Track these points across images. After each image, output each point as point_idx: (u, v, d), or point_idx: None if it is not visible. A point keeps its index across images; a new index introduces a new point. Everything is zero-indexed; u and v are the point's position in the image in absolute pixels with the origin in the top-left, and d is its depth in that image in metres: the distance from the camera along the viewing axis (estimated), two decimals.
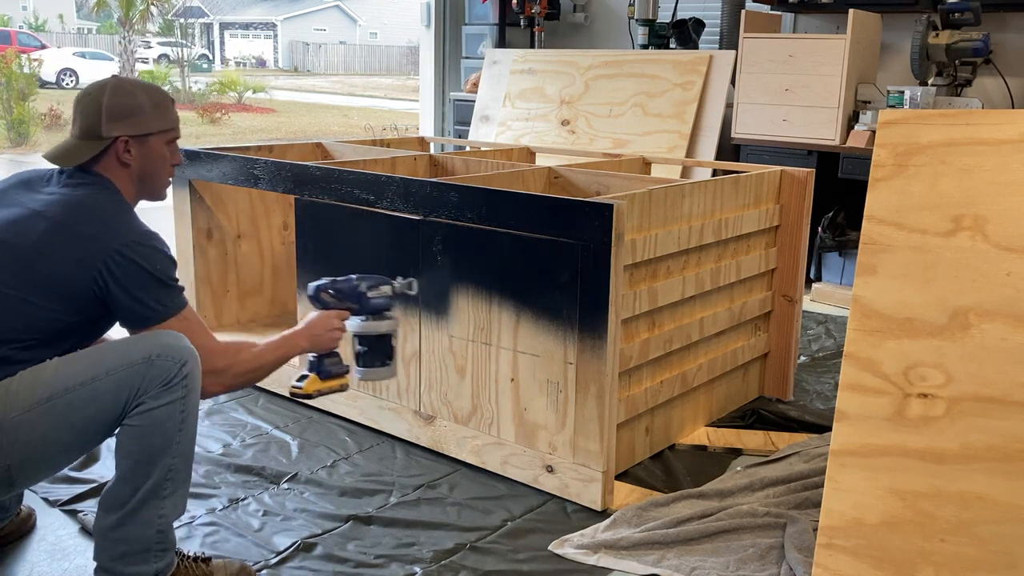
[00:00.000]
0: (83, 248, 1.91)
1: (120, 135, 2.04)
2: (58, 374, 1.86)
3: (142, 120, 2.06)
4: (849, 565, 1.91)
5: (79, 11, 36.13)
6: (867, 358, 1.97)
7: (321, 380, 2.27)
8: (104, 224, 1.95)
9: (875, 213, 2.04)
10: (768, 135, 5.15)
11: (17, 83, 13.00)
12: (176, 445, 1.93)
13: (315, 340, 2.22)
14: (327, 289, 2.27)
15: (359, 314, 2.29)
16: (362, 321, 2.30)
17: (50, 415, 1.84)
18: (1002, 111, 2.69)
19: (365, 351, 2.32)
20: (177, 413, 1.91)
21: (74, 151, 2.05)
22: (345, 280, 2.29)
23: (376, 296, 2.29)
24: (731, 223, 2.99)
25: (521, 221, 2.55)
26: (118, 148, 2.04)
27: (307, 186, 3.05)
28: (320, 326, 2.23)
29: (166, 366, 1.88)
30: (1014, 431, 1.83)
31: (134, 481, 1.91)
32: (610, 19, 6.71)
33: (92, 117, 2.03)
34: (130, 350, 1.89)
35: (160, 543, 1.97)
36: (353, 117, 18.50)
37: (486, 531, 2.44)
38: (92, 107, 2.04)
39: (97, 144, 2.03)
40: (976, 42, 4.72)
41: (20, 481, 1.91)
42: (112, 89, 2.05)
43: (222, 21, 39.53)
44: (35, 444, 1.85)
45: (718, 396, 3.19)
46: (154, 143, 2.09)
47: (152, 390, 1.88)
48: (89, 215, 1.96)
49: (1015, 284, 1.90)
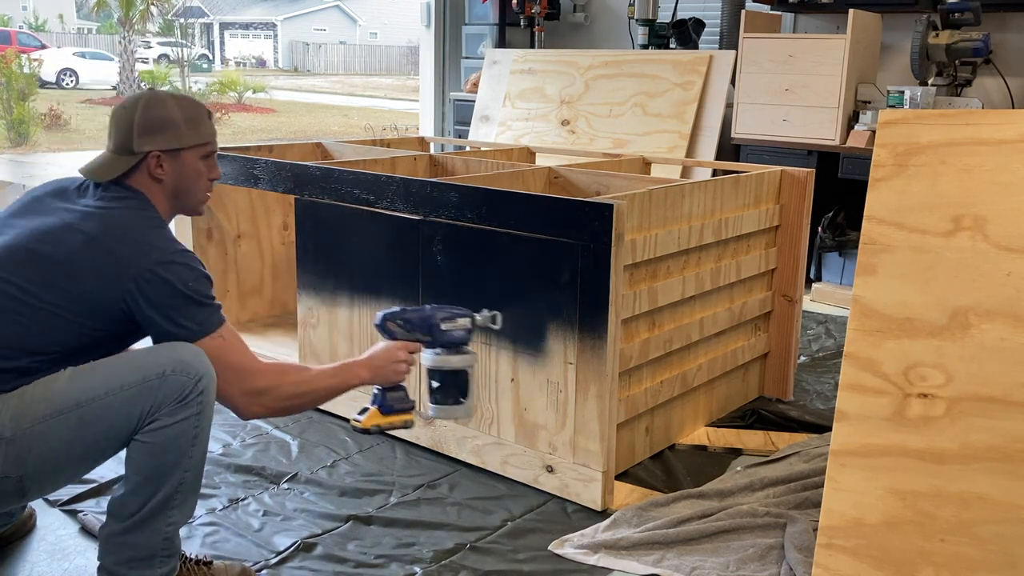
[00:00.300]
0: (115, 265, 1.88)
1: (151, 150, 2.01)
2: (72, 387, 1.84)
3: (174, 134, 2.02)
4: (849, 565, 1.91)
5: (79, 11, 36.14)
6: (867, 358, 1.97)
7: (382, 415, 2.15)
8: (137, 242, 1.91)
9: (875, 213, 2.04)
10: (768, 135, 5.15)
11: (17, 83, 13.00)
12: (188, 460, 1.91)
13: (377, 372, 2.10)
14: (395, 319, 2.14)
15: (432, 347, 2.15)
16: (435, 355, 2.15)
17: (62, 429, 1.82)
18: (1002, 111, 2.69)
19: (438, 387, 2.16)
20: (191, 429, 1.89)
21: (108, 166, 2.02)
22: (417, 310, 2.16)
23: (451, 328, 2.14)
24: (731, 223, 2.99)
25: (521, 221, 2.55)
26: (150, 163, 2.01)
27: (307, 186, 3.05)
28: (383, 357, 2.11)
29: (181, 382, 1.85)
30: (1014, 431, 1.83)
31: (144, 494, 1.90)
32: (610, 19, 6.71)
33: (124, 132, 2.01)
34: (145, 364, 1.86)
35: (166, 549, 1.97)
36: (353, 117, 18.50)
37: (486, 531, 2.44)
38: (125, 122, 2.01)
39: (130, 159, 2.01)
40: (976, 42, 4.72)
41: (32, 492, 1.90)
42: (145, 103, 2.02)
43: (222, 21, 39.54)
44: (47, 457, 1.83)
45: (718, 396, 3.19)
46: (187, 158, 2.05)
47: (167, 406, 1.85)
48: (123, 232, 1.93)
49: (1015, 284, 1.90)
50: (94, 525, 2.37)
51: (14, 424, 1.80)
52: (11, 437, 1.79)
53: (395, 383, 2.15)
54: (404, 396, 2.17)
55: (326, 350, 3.12)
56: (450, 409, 2.18)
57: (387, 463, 2.83)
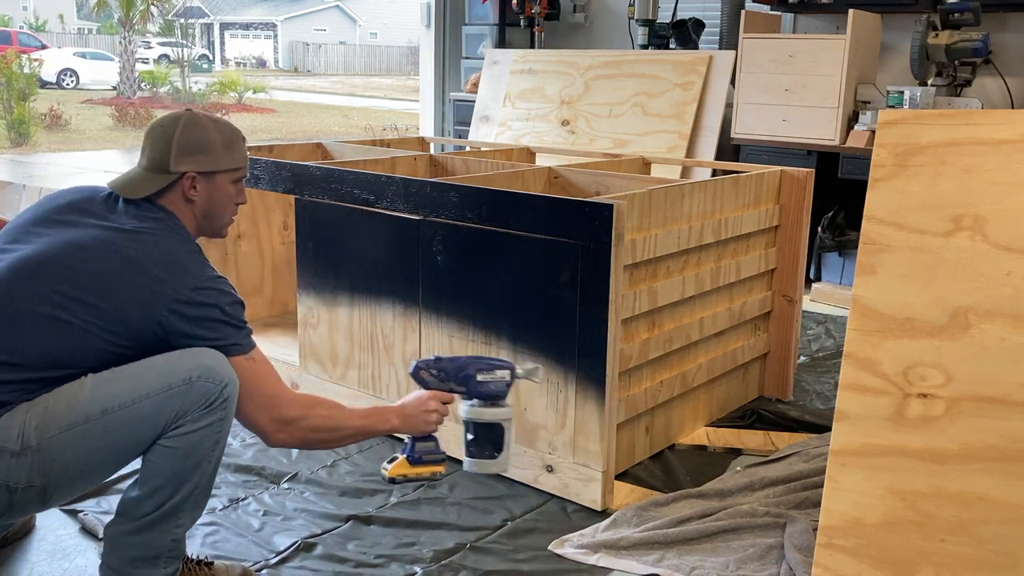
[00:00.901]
0: (154, 289, 1.88)
1: (188, 171, 2.01)
2: (96, 395, 1.83)
3: (212, 158, 2.03)
4: (849, 565, 1.91)
5: (79, 11, 36.15)
6: (867, 358, 1.97)
7: (410, 465, 2.12)
8: (176, 266, 1.92)
9: (875, 213, 2.04)
10: (768, 135, 5.15)
11: (17, 83, 13.01)
12: (207, 464, 1.92)
13: (407, 420, 2.09)
14: (430, 368, 2.11)
15: (468, 397, 2.12)
16: (470, 406, 2.12)
17: (86, 437, 1.82)
18: (1002, 111, 2.69)
19: (472, 439, 2.13)
20: (213, 435, 1.89)
21: (141, 183, 2.02)
22: (453, 359, 2.13)
23: (488, 380, 2.10)
24: (731, 223, 2.99)
25: (521, 221, 2.55)
26: (184, 184, 2.02)
27: (307, 186, 3.05)
28: (414, 407, 2.10)
29: (207, 388, 1.86)
30: (1014, 431, 1.83)
31: (159, 497, 1.90)
32: (610, 19, 6.71)
33: (162, 150, 2.01)
34: (171, 370, 1.86)
35: (172, 551, 1.98)
36: (353, 117, 18.50)
37: (486, 531, 2.44)
38: (163, 140, 2.01)
39: (164, 178, 2.01)
40: (976, 42, 4.72)
41: (54, 499, 1.90)
42: (185, 123, 2.02)
43: (222, 21, 39.54)
44: (70, 465, 1.83)
45: (718, 396, 3.19)
46: (221, 181, 2.06)
47: (192, 412, 1.86)
48: (160, 255, 1.93)
49: (1015, 284, 1.90)
50: (94, 525, 2.37)
51: (39, 434, 1.80)
52: (36, 446, 1.80)
53: (425, 433, 2.13)
54: (434, 448, 2.15)
55: (326, 350, 3.12)
56: (482, 463, 2.15)
57: None
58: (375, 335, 2.96)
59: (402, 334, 2.88)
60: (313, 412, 2.01)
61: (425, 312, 2.82)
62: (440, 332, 2.79)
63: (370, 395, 3.01)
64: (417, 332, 2.85)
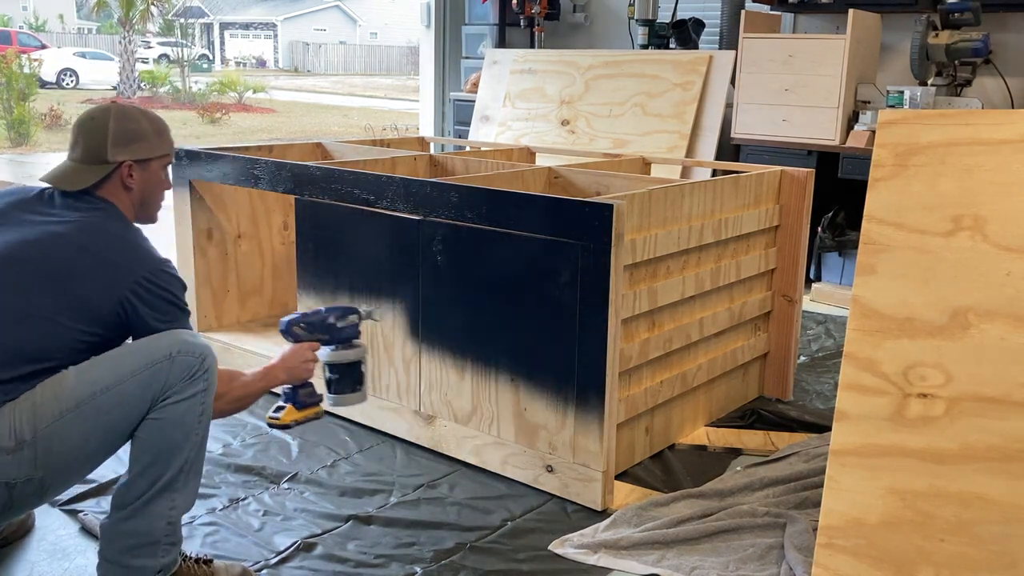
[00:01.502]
0: (112, 274, 1.96)
1: (125, 159, 2.09)
2: (81, 381, 1.89)
3: (146, 146, 2.12)
4: (849, 565, 1.91)
5: (79, 11, 36.15)
6: (867, 358, 1.97)
7: (297, 410, 2.32)
8: (130, 251, 2.01)
9: (875, 213, 2.04)
10: (768, 135, 5.15)
11: (17, 83, 13.00)
12: (195, 437, 1.97)
13: (291, 372, 2.26)
14: (299, 323, 2.33)
15: (329, 344, 2.35)
16: (332, 351, 2.35)
17: (79, 422, 1.87)
18: (1002, 111, 2.69)
19: (336, 378, 2.37)
20: (198, 405, 1.96)
21: (78, 175, 2.08)
22: (314, 313, 2.36)
23: (344, 325, 2.35)
24: (731, 223, 2.99)
25: (521, 221, 2.55)
26: (123, 172, 2.10)
27: (307, 186, 3.05)
28: (294, 358, 2.28)
29: (188, 361, 1.93)
30: (1014, 431, 1.83)
31: (151, 475, 1.94)
32: (610, 19, 6.71)
33: (98, 142, 2.08)
34: (150, 349, 1.93)
35: (169, 536, 1.99)
36: (353, 117, 18.50)
37: (486, 531, 2.44)
38: (98, 132, 2.08)
39: (102, 168, 2.08)
40: (976, 42, 4.72)
41: (52, 490, 1.94)
42: (116, 115, 2.11)
43: (222, 21, 39.53)
44: (66, 453, 1.88)
45: (718, 396, 3.19)
46: (154, 167, 2.15)
47: (177, 385, 1.92)
48: (115, 242, 2.02)
49: (1015, 284, 1.90)
50: (94, 525, 2.37)
51: (31, 427, 1.83)
52: (31, 439, 1.83)
53: (305, 380, 2.32)
54: (312, 391, 2.35)
55: None
56: (347, 397, 2.39)
57: (387, 463, 2.84)
58: (375, 335, 2.96)
59: (402, 334, 2.88)
60: (232, 385, 2.12)
61: (425, 312, 2.82)
62: (440, 331, 2.79)
63: (370, 395, 3.01)
64: (417, 332, 2.85)
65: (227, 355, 3.37)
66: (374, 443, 2.96)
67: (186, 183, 3.51)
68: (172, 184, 2.27)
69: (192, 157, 3.47)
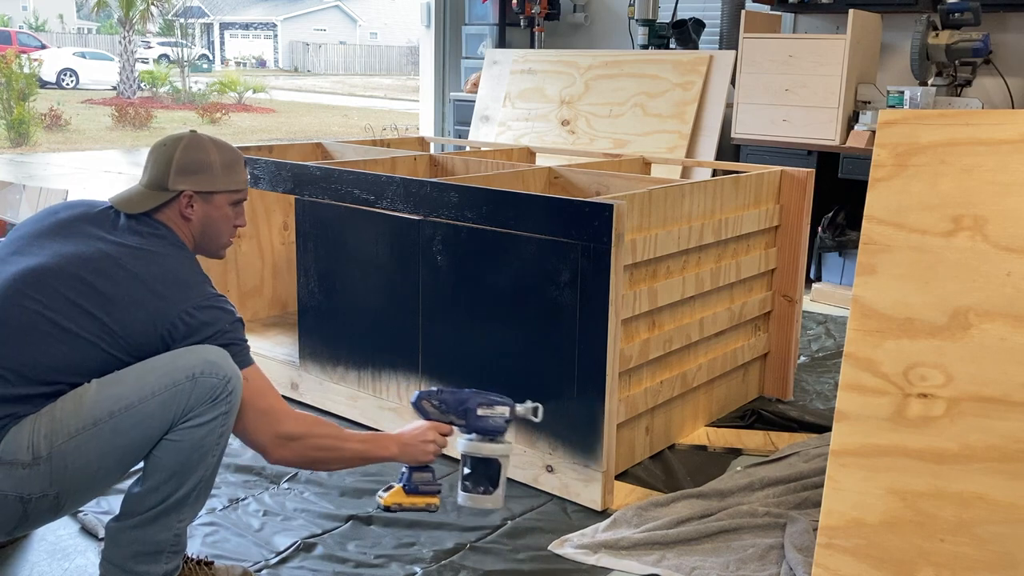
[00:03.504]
0: (156, 306, 1.91)
1: (185, 189, 2.05)
2: (101, 398, 1.85)
3: (209, 178, 2.07)
4: (849, 565, 1.91)
5: (79, 11, 36.15)
6: (867, 358, 1.97)
7: (405, 494, 2.14)
8: (177, 284, 1.96)
9: (875, 213, 2.04)
10: (768, 135, 5.15)
11: (17, 83, 13.00)
12: (212, 458, 1.94)
13: (405, 449, 2.11)
14: (432, 398, 2.13)
15: (467, 431, 2.13)
16: (468, 440, 2.13)
17: (97, 440, 1.84)
18: (1002, 111, 2.69)
19: (469, 473, 2.15)
20: (218, 428, 1.91)
21: (140, 199, 2.06)
22: (454, 392, 2.14)
23: (488, 415, 2.12)
24: (731, 223, 2.99)
25: (521, 221, 2.55)
26: (181, 202, 2.06)
27: (307, 186, 3.05)
28: (413, 436, 2.13)
29: (211, 383, 1.88)
30: (1014, 431, 1.83)
31: (164, 491, 1.92)
32: (610, 19, 6.71)
33: (162, 168, 2.06)
34: (174, 368, 1.88)
35: (174, 545, 1.99)
36: (353, 117, 18.50)
37: (486, 531, 2.44)
38: (164, 159, 2.06)
39: (163, 195, 2.05)
40: (976, 42, 4.72)
41: (67, 506, 1.91)
42: (186, 143, 2.08)
43: (222, 21, 39.53)
44: (83, 470, 1.85)
45: (718, 396, 3.19)
46: (218, 201, 2.10)
47: (198, 408, 1.88)
48: (163, 273, 1.96)
49: (1015, 284, 1.90)
50: (94, 525, 2.37)
51: (48, 442, 1.81)
52: (47, 455, 1.81)
53: (423, 463, 2.15)
54: (431, 479, 2.16)
55: (326, 350, 3.12)
56: (476, 497, 2.16)
57: (387, 463, 2.83)
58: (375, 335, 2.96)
59: (402, 334, 2.88)
60: (315, 431, 2.03)
61: (425, 312, 2.82)
62: (440, 331, 2.79)
63: (369, 395, 3.01)
64: (418, 330, 2.85)
65: None
66: None
67: None
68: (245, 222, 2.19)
69: None
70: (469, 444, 2.13)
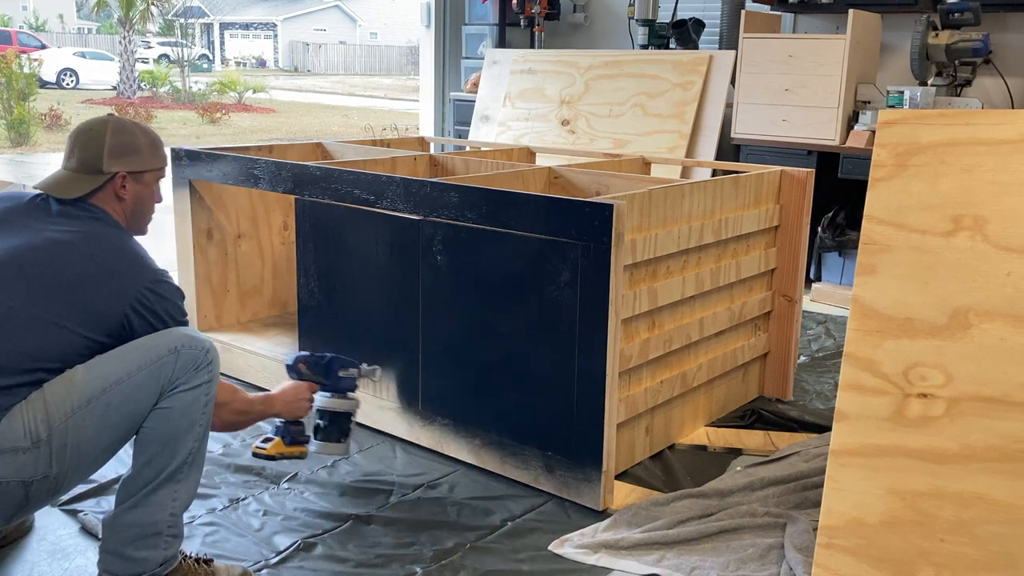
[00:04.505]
0: (117, 284, 1.99)
1: (120, 170, 2.12)
2: (90, 377, 1.92)
3: (140, 158, 2.16)
4: (849, 565, 1.91)
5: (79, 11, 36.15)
6: (867, 358, 1.97)
7: (285, 445, 2.44)
8: (133, 261, 2.05)
9: (875, 213, 2.04)
10: (768, 135, 5.15)
11: (17, 83, 13.00)
12: (199, 428, 2.02)
13: (288, 407, 2.41)
14: (304, 361, 2.44)
15: (326, 390, 2.46)
16: (327, 397, 2.46)
17: (93, 417, 1.90)
18: (1002, 111, 2.69)
19: (325, 425, 2.48)
20: (203, 396, 2.01)
21: (73, 183, 2.11)
22: (319, 356, 2.47)
23: (345, 376, 2.46)
24: (731, 223, 2.99)
25: (521, 221, 2.55)
26: (116, 183, 2.13)
27: (307, 186, 3.05)
28: (294, 394, 2.42)
29: (193, 354, 1.99)
30: (1014, 431, 1.83)
31: (158, 464, 1.98)
32: (610, 19, 6.71)
33: (94, 152, 2.12)
34: (155, 345, 1.98)
35: (172, 527, 2.02)
36: (353, 117, 18.50)
37: (486, 531, 2.44)
38: (94, 143, 2.12)
39: (97, 178, 2.12)
40: (976, 42, 4.72)
41: (64, 487, 1.96)
42: (114, 128, 2.15)
43: (222, 21, 39.53)
44: (80, 447, 1.91)
45: (718, 396, 3.19)
46: (148, 179, 2.19)
47: (183, 376, 1.97)
48: (118, 252, 2.05)
49: (1015, 284, 1.90)
50: (94, 525, 2.37)
51: (47, 425, 1.86)
52: (47, 437, 1.86)
53: (299, 418, 2.45)
54: (303, 430, 2.47)
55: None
56: (331, 446, 2.52)
57: (387, 463, 2.83)
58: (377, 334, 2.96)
59: (402, 334, 2.88)
60: (235, 397, 2.22)
61: (425, 311, 2.82)
62: (440, 331, 2.79)
63: (368, 395, 3.01)
64: (418, 330, 2.85)
65: (227, 355, 3.37)
66: (374, 443, 2.96)
67: (186, 183, 3.51)
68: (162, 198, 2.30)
69: (192, 157, 3.47)
70: (330, 400, 2.48)
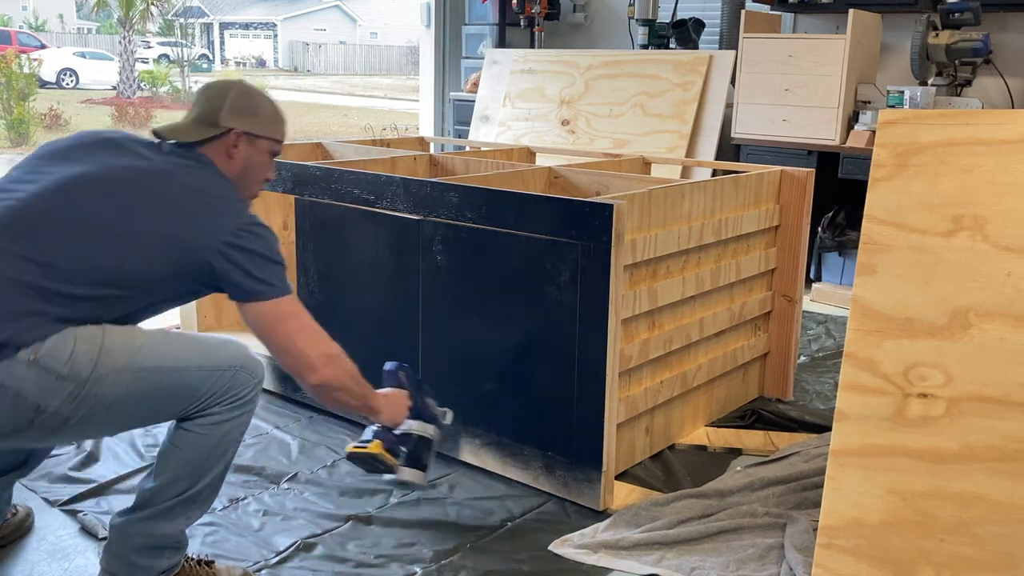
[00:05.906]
0: (213, 220, 1.93)
1: (235, 127, 2.07)
2: (153, 347, 1.88)
3: (259, 121, 2.11)
4: (849, 565, 1.91)
5: (79, 11, 36.13)
6: (867, 358, 1.97)
7: (384, 449, 2.26)
8: (229, 200, 2.00)
9: (875, 213, 2.04)
10: (768, 135, 5.15)
11: (17, 83, 13.00)
12: (228, 456, 2.01)
13: (390, 410, 2.24)
14: (405, 371, 2.32)
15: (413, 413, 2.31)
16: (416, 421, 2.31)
17: (135, 384, 1.85)
18: (1002, 111, 2.69)
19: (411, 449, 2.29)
20: (239, 427, 1.99)
21: (188, 129, 2.08)
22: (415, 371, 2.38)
23: (431, 404, 2.33)
24: (731, 223, 2.99)
25: (521, 221, 2.55)
26: (229, 139, 2.07)
27: (307, 186, 3.05)
28: (396, 399, 2.26)
29: (245, 380, 1.95)
30: (1014, 431, 1.83)
31: (182, 485, 1.95)
32: (610, 19, 6.71)
33: (215, 105, 2.08)
34: (222, 352, 1.95)
35: (177, 542, 2.03)
36: (353, 117, 18.49)
37: (486, 531, 2.44)
38: (217, 97, 2.09)
39: (211, 130, 2.07)
40: (976, 42, 4.72)
41: (62, 436, 1.88)
42: (239, 88, 2.13)
43: (222, 21, 39.51)
44: (103, 405, 1.83)
45: (718, 396, 3.19)
46: (262, 146, 2.12)
47: (227, 401, 1.94)
48: (215, 189, 2.00)
49: (1015, 284, 1.90)
50: (94, 525, 2.38)
51: (92, 365, 1.80)
52: (85, 377, 1.80)
53: (395, 425, 2.27)
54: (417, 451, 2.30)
55: None
56: (416, 472, 2.31)
57: None
58: (378, 336, 2.96)
59: (402, 334, 2.88)
60: (362, 384, 2.08)
61: (425, 311, 2.82)
62: (440, 331, 2.79)
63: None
64: (417, 330, 2.85)
65: None
66: None
67: None
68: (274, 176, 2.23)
69: None
70: (419, 424, 2.30)
